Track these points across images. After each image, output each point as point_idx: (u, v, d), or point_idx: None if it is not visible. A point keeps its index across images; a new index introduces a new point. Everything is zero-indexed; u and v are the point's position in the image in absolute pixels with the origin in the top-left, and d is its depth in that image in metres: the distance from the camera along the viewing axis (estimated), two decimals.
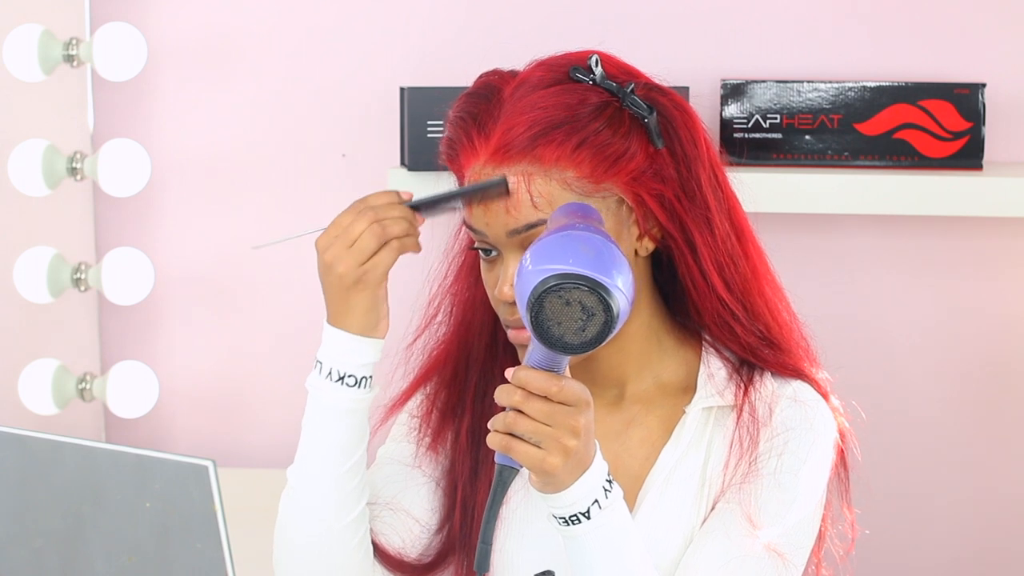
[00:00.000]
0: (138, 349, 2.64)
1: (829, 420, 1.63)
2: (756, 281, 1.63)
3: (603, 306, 1.35)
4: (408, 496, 1.67)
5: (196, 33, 2.59)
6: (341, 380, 1.57)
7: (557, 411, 1.40)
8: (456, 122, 1.59)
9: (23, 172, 2.49)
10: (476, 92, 1.60)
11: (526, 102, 1.55)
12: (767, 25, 2.50)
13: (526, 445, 1.41)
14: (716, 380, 1.63)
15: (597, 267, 1.36)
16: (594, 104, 1.55)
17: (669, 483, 1.61)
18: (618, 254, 1.39)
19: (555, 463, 1.40)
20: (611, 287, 1.36)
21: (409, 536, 1.66)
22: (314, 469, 1.59)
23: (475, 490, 1.65)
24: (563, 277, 1.35)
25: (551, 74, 1.57)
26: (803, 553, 1.61)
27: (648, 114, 1.56)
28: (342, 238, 1.55)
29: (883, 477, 2.53)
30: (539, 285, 1.36)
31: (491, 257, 1.59)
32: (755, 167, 2.42)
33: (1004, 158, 2.48)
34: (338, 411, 1.58)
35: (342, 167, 2.58)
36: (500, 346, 1.68)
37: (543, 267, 1.36)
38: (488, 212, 1.55)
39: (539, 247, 1.39)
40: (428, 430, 1.69)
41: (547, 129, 1.54)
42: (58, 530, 1.36)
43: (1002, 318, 2.52)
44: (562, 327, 1.36)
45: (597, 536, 1.45)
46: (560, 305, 1.36)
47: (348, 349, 1.57)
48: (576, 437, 1.41)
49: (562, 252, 1.37)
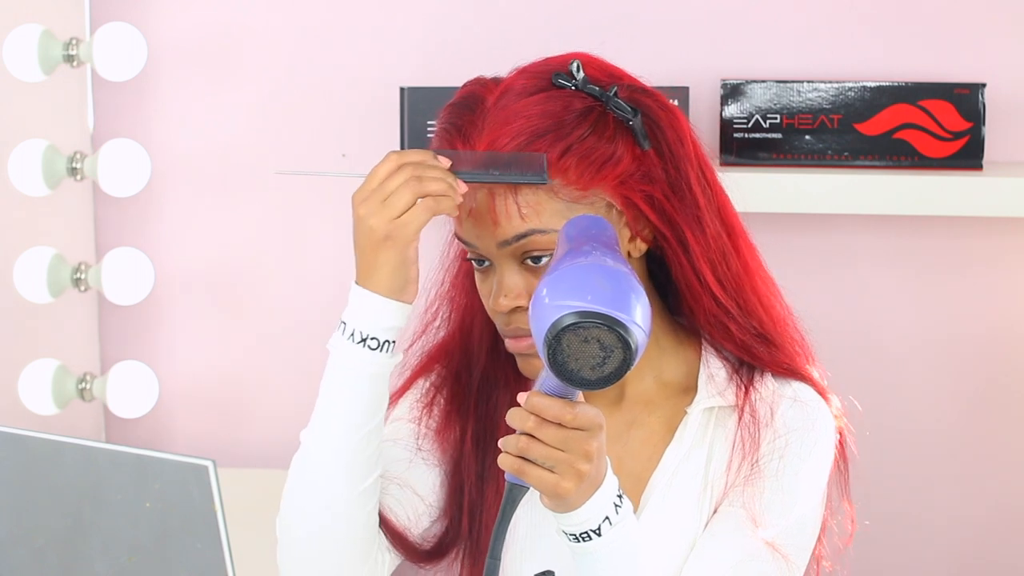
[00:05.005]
0: (138, 349, 2.64)
1: (829, 420, 1.63)
2: (748, 277, 1.63)
3: (622, 344, 1.33)
4: (414, 476, 1.66)
5: (196, 33, 2.59)
6: (363, 342, 1.53)
7: (571, 437, 1.39)
8: (441, 134, 1.58)
9: (23, 172, 2.49)
10: (459, 103, 1.59)
11: (509, 111, 1.54)
12: (767, 25, 2.50)
13: (539, 470, 1.40)
14: (717, 380, 1.63)
15: (616, 303, 1.34)
16: (578, 110, 1.55)
17: (672, 484, 1.61)
18: (635, 283, 1.37)
19: (568, 487, 1.40)
20: (630, 324, 1.34)
21: (414, 513, 1.65)
22: (329, 432, 1.55)
23: (482, 496, 1.64)
24: (582, 315, 1.33)
25: (534, 81, 1.56)
26: (805, 554, 1.61)
27: (632, 116, 1.55)
28: (378, 191, 1.51)
29: (881, 475, 2.53)
30: (557, 322, 1.33)
31: (484, 267, 1.58)
32: (755, 167, 2.42)
33: (1004, 158, 2.48)
34: (358, 374, 1.54)
35: (342, 167, 2.58)
36: (502, 352, 1.66)
37: (560, 303, 1.34)
38: (477, 225, 1.54)
39: (556, 279, 1.36)
40: (432, 418, 1.68)
41: (531, 139, 1.53)
42: (58, 530, 1.36)
43: (1002, 318, 2.52)
44: (580, 363, 1.34)
45: (607, 552, 1.44)
46: (578, 343, 1.34)
47: (373, 310, 1.53)
48: (589, 461, 1.40)
49: (580, 286, 1.35)
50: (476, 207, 1.54)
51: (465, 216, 1.55)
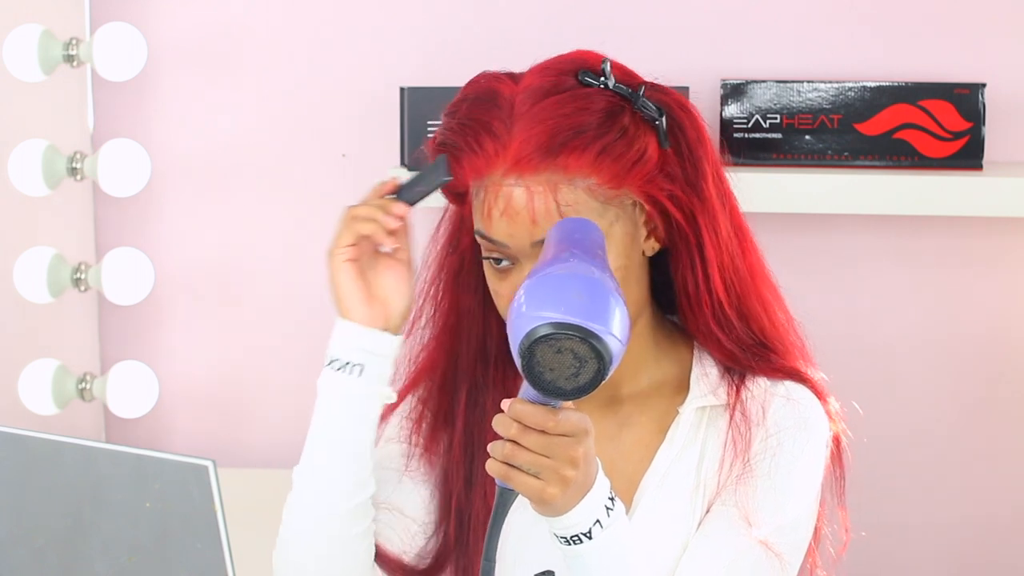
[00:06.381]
0: (138, 349, 2.64)
1: (822, 418, 1.63)
2: (754, 280, 1.63)
3: (595, 354, 1.34)
4: (403, 496, 1.66)
5: (196, 33, 2.59)
6: (330, 364, 1.58)
7: (555, 443, 1.39)
8: (461, 129, 1.56)
9: (23, 172, 2.49)
10: (478, 97, 1.56)
11: (541, 109, 1.53)
12: (767, 25, 2.50)
13: (525, 475, 1.40)
14: (709, 379, 1.63)
15: (591, 313, 1.34)
16: (609, 109, 1.54)
17: (664, 484, 1.61)
18: (612, 291, 1.37)
19: (554, 493, 1.40)
20: (603, 334, 1.34)
21: (407, 535, 1.65)
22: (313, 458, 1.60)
23: (470, 501, 1.64)
24: (555, 326, 1.33)
25: (560, 79, 1.55)
26: (799, 553, 1.61)
27: (659, 117, 1.56)
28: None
29: (881, 475, 2.53)
30: (530, 334, 1.34)
31: (503, 267, 1.56)
32: (755, 167, 2.42)
33: (1004, 158, 2.48)
34: (321, 392, 1.59)
35: (342, 167, 2.58)
36: (491, 355, 1.66)
37: (535, 313, 1.34)
38: (512, 223, 1.53)
39: (534, 285, 1.37)
40: (421, 435, 1.68)
41: (569, 137, 1.52)
42: (58, 530, 1.36)
43: (1002, 318, 2.52)
44: (555, 373, 1.35)
45: (599, 554, 1.44)
46: (552, 353, 1.34)
47: (335, 330, 1.59)
48: (575, 467, 1.40)
49: (556, 296, 1.35)
50: (511, 206, 1.53)
51: (498, 215, 1.54)
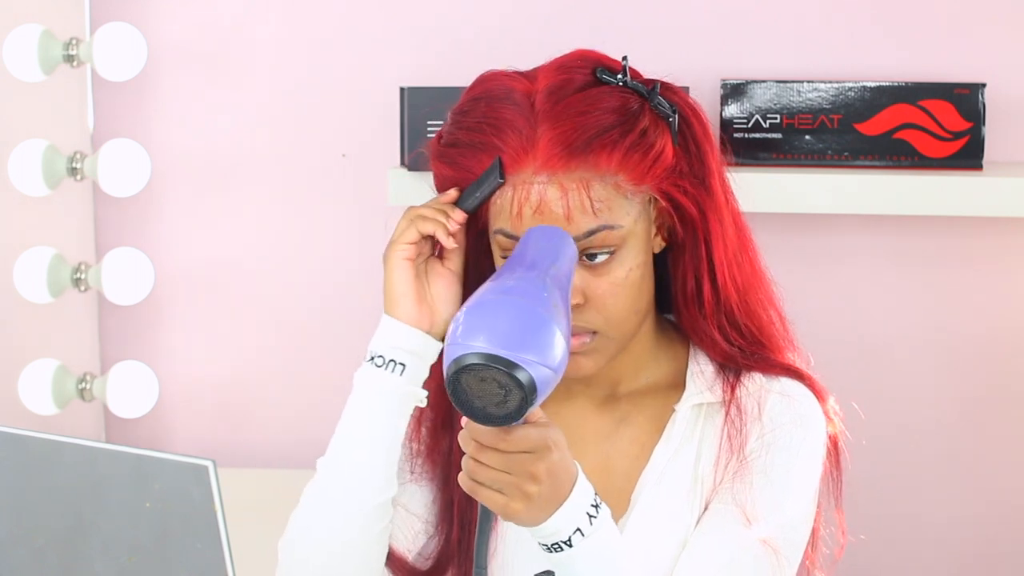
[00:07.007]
0: (138, 349, 2.64)
1: (819, 415, 1.63)
2: (753, 279, 1.63)
3: (517, 384, 1.34)
4: (408, 495, 1.66)
5: (196, 33, 2.59)
6: (371, 360, 1.57)
7: (514, 460, 1.40)
8: (480, 127, 1.54)
9: (23, 172, 2.49)
10: (498, 95, 1.55)
11: (566, 107, 1.53)
12: (767, 25, 2.50)
13: (488, 490, 1.41)
14: (705, 376, 1.63)
15: (520, 344, 1.35)
16: (629, 107, 1.54)
17: (662, 482, 1.61)
18: (548, 316, 1.37)
19: (517, 508, 1.40)
20: (530, 365, 1.34)
21: (411, 532, 1.65)
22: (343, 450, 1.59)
23: (471, 506, 1.64)
24: (480, 356, 1.34)
25: (578, 76, 1.55)
26: (797, 550, 1.61)
27: (672, 114, 1.56)
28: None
29: (880, 475, 2.53)
30: (456, 361, 1.35)
31: None
32: (755, 167, 2.42)
33: (1004, 158, 2.48)
34: (361, 391, 1.57)
35: (342, 167, 2.58)
36: None
37: (466, 341, 1.35)
38: (545, 220, 1.52)
39: (471, 310, 1.38)
40: (421, 438, 1.68)
41: (599, 133, 1.52)
42: (58, 530, 1.36)
43: (1002, 318, 2.52)
44: (483, 400, 1.36)
45: (583, 560, 1.44)
46: (477, 382, 1.35)
47: (380, 327, 1.58)
48: (537, 483, 1.40)
49: (483, 325, 1.36)
50: (544, 203, 1.52)
51: (531, 213, 1.53)
